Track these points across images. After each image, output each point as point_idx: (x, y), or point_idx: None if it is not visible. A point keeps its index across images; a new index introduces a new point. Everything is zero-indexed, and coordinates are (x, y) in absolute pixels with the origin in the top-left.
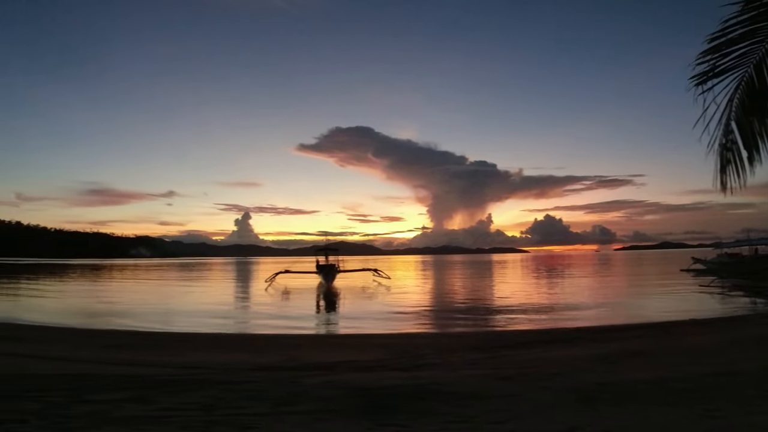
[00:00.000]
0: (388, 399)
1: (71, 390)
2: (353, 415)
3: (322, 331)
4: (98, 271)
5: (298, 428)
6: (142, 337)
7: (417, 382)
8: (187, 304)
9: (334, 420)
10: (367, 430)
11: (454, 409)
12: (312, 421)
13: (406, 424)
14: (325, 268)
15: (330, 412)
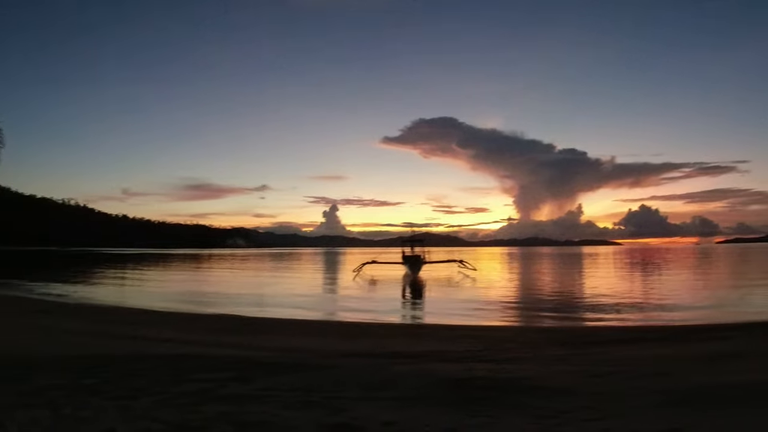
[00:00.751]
0: (478, 390)
1: (178, 369)
2: (443, 404)
3: (408, 321)
4: (198, 261)
5: (390, 413)
6: (241, 321)
7: (506, 375)
8: (281, 291)
9: (425, 408)
10: (458, 419)
11: (546, 403)
12: (403, 408)
13: (497, 415)
14: (411, 259)
15: (420, 399)
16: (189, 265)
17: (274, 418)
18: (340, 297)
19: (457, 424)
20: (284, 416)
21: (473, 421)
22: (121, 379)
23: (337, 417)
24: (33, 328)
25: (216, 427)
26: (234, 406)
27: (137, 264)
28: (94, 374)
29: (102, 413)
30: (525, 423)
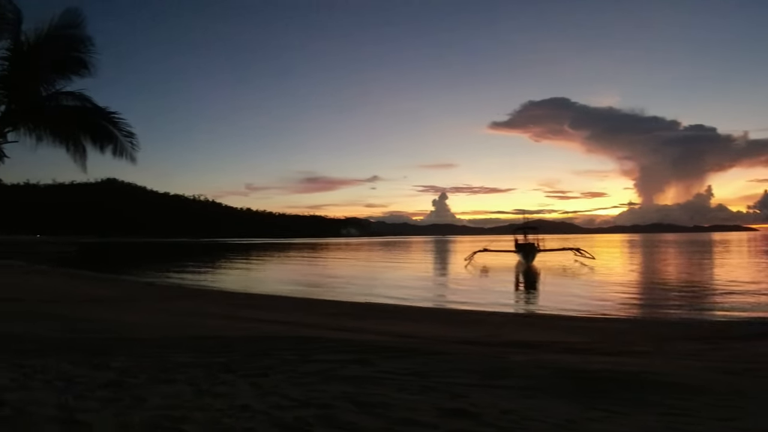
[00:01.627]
0: (599, 383)
1: (302, 350)
2: (562, 396)
3: (523, 310)
4: (315, 249)
5: (507, 402)
6: (358, 307)
7: (628, 369)
8: (394, 279)
9: (543, 398)
10: (576, 412)
11: (673, 400)
12: (521, 397)
13: (619, 410)
14: (525, 247)
15: (538, 389)
16: (307, 254)
17: (394, 400)
18: (452, 285)
19: (575, 417)
20: (403, 399)
21: (592, 414)
22: (251, 358)
23: (455, 402)
24: (171, 311)
25: (339, 406)
26: (355, 387)
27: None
28: (228, 353)
29: (236, 389)
30: (649, 419)
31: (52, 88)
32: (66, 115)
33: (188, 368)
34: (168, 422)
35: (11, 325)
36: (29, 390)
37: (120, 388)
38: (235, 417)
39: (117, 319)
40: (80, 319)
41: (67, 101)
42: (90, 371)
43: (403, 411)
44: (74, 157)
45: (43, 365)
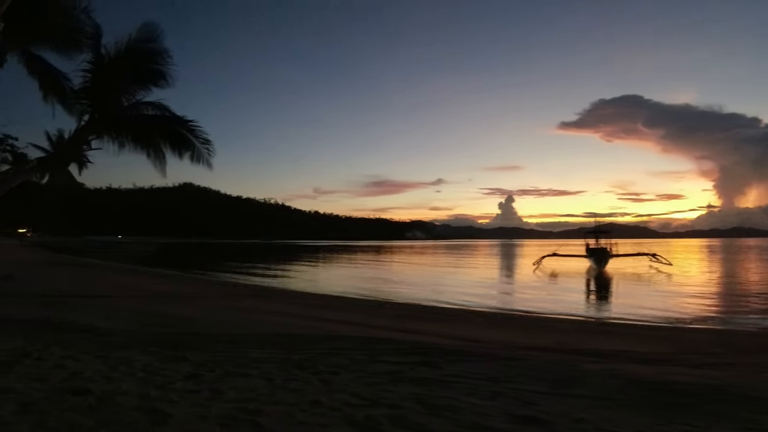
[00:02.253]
0: (677, 395)
1: (370, 350)
2: (638, 407)
3: (594, 318)
4: (381, 252)
5: (581, 412)
6: (424, 310)
7: (709, 382)
8: (461, 282)
9: (617, 409)
10: (655, 425)
11: (756, 415)
12: (594, 407)
13: (698, 424)
14: (597, 252)
15: (613, 401)
16: (372, 256)
17: (463, 404)
18: (520, 290)
19: (651, 429)
20: (473, 403)
21: (669, 428)
22: (322, 357)
23: (527, 410)
24: (243, 309)
25: (408, 407)
26: (424, 389)
27: (327, 254)
28: (299, 351)
29: (308, 385)
30: None
31: (132, 98)
32: (146, 124)
33: (261, 364)
34: (244, 415)
35: (95, 319)
36: (113, 380)
37: (198, 381)
38: (308, 412)
39: (191, 315)
40: (157, 314)
41: (148, 110)
42: (168, 364)
43: (473, 415)
44: (154, 163)
45: (126, 357)
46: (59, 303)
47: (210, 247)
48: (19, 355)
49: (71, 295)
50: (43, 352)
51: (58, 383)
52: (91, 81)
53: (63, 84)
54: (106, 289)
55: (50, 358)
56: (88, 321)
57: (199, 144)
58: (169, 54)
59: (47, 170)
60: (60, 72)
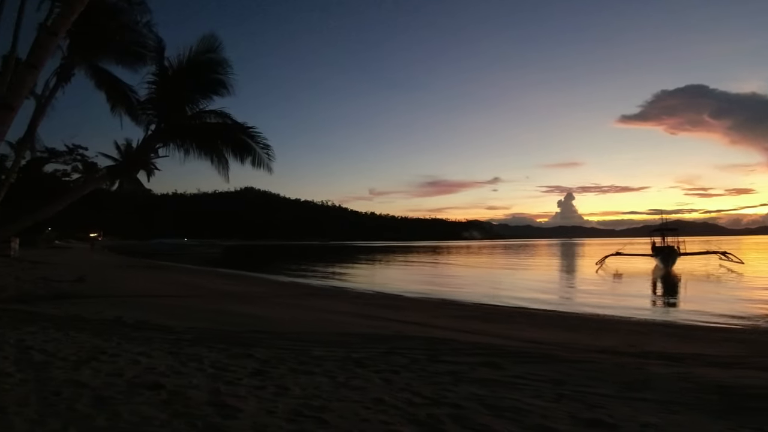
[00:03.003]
0: (751, 400)
1: (431, 350)
2: (709, 412)
3: (661, 319)
4: (437, 252)
5: (649, 416)
6: (484, 310)
7: None
8: (520, 282)
9: (687, 414)
10: (725, 430)
11: None
12: (664, 411)
13: None
14: (663, 251)
15: (682, 404)
16: (429, 256)
17: (527, 405)
18: (582, 290)
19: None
20: (537, 405)
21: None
22: (383, 356)
23: (592, 413)
24: (304, 308)
25: (470, 407)
26: (485, 390)
27: (384, 255)
28: (360, 349)
29: (370, 383)
30: None
31: (196, 108)
32: (209, 131)
33: (324, 361)
34: (309, 411)
35: (165, 318)
36: (184, 376)
37: (264, 377)
38: (371, 410)
39: (256, 313)
40: (224, 313)
41: (210, 119)
42: (236, 360)
43: (536, 417)
44: (218, 169)
45: (196, 354)
46: (130, 303)
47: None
48: (95, 352)
49: (142, 295)
50: (117, 349)
51: (132, 378)
52: (156, 92)
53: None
54: (174, 289)
55: (124, 355)
56: (159, 320)
57: (260, 149)
58: (229, 63)
59: (117, 178)
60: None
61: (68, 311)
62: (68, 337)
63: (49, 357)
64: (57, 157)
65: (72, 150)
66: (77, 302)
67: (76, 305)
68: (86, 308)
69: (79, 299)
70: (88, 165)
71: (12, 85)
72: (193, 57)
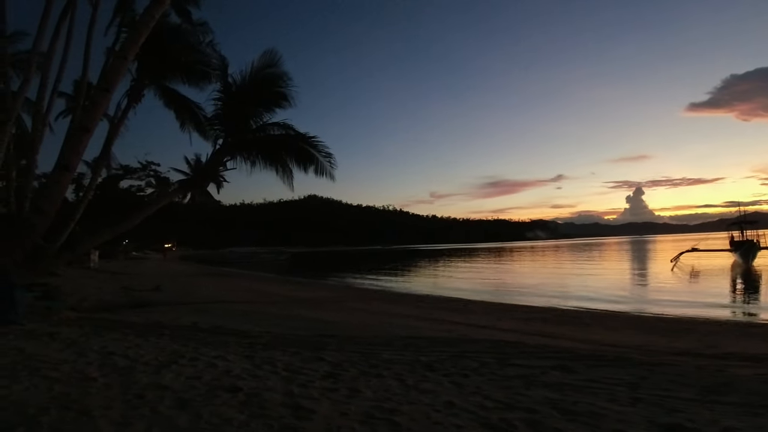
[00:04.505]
0: None
1: (500, 353)
2: None
3: (742, 318)
4: (501, 254)
5: (730, 419)
6: (552, 312)
7: None
8: (590, 283)
9: None
10: None
11: None
12: (746, 415)
13: None
14: (743, 245)
15: (766, 407)
16: (493, 258)
17: (602, 410)
18: (656, 289)
19: None
20: (612, 409)
21: None
22: (452, 359)
23: (671, 417)
24: (371, 312)
25: (543, 411)
26: (558, 394)
27: (447, 258)
28: (428, 353)
29: (440, 387)
30: None
31: (260, 121)
32: (274, 143)
33: (393, 364)
34: (380, 413)
35: (239, 323)
36: (260, 378)
37: (336, 380)
38: (442, 413)
39: (325, 318)
40: (295, 318)
41: (274, 130)
42: (308, 363)
43: (612, 422)
44: (282, 178)
45: (269, 357)
46: (205, 309)
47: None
48: (175, 356)
49: (215, 302)
50: (195, 353)
51: (211, 381)
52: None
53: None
54: (246, 296)
55: (202, 359)
56: (233, 325)
57: (322, 158)
58: (289, 76)
59: (189, 191)
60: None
61: (148, 318)
62: (148, 343)
63: (131, 362)
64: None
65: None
66: (155, 310)
67: (154, 312)
68: (164, 315)
69: (157, 307)
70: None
71: (86, 109)
72: (255, 72)
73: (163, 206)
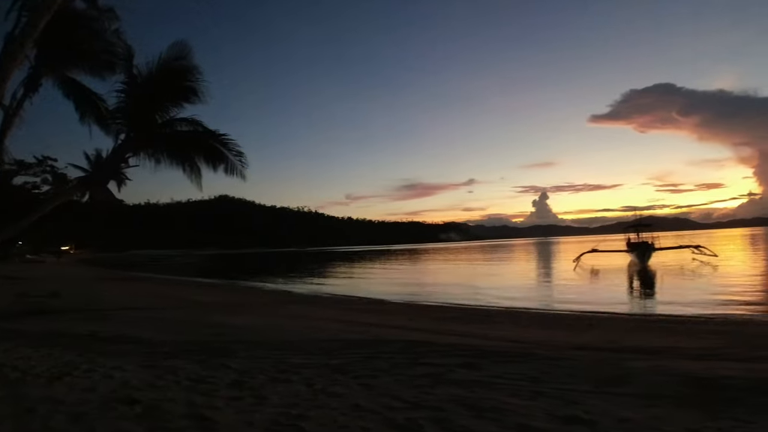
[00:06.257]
0: (726, 390)
1: (411, 353)
2: (686, 404)
3: (639, 314)
4: (416, 255)
5: (625, 410)
6: (464, 311)
7: (757, 375)
8: (499, 283)
9: (665, 407)
10: (700, 421)
11: None
12: (640, 405)
13: (748, 419)
14: (639, 246)
15: (659, 397)
16: (408, 260)
17: (506, 405)
18: (560, 288)
19: (699, 426)
20: (514, 404)
21: (718, 424)
22: (362, 361)
23: (569, 409)
24: (286, 316)
25: (450, 409)
26: (465, 391)
27: (363, 260)
28: (339, 356)
29: (348, 390)
30: None
31: (166, 116)
32: (181, 139)
33: (304, 369)
34: (287, 420)
35: (141, 330)
36: (160, 389)
37: (242, 388)
38: (349, 416)
39: (235, 323)
40: (203, 324)
41: (181, 126)
42: (213, 371)
43: (516, 416)
44: (190, 177)
45: (172, 366)
46: (106, 317)
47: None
48: (68, 368)
49: (118, 309)
50: (91, 363)
51: (107, 393)
52: (126, 101)
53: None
54: (151, 301)
55: (99, 370)
56: (135, 332)
57: (233, 156)
58: (200, 70)
59: (88, 189)
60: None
61: (43, 327)
62: (40, 354)
63: (21, 374)
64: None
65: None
66: (52, 317)
67: (51, 320)
68: (61, 323)
69: (54, 314)
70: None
71: None
72: (163, 64)
73: (60, 205)
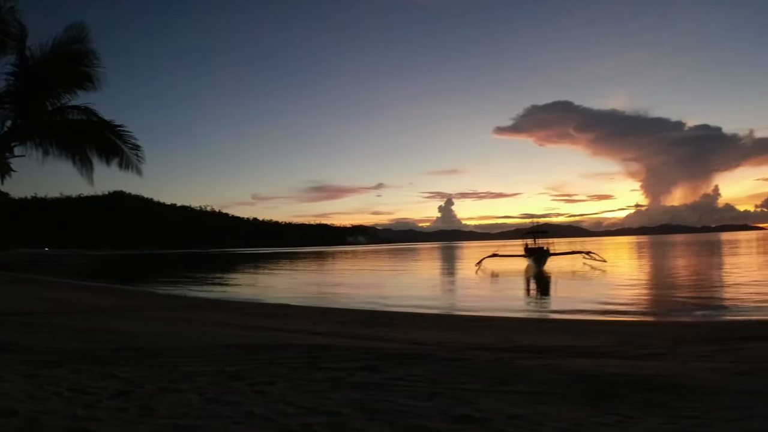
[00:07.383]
0: (612, 387)
1: (311, 358)
2: (574, 400)
3: (534, 315)
4: (323, 258)
5: (516, 407)
6: (368, 315)
7: (642, 372)
8: (403, 286)
9: (554, 403)
10: (590, 416)
11: (684, 402)
12: (530, 402)
13: (632, 414)
14: (536, 252)
15: (549, 395)
16: (314, 262)
17: (401, 407)
18: (462, 291)
19: (584, 421)
20: (411, 405)
21: (603, 419)
22: (260, 367)
23: (463, 408)
24: (181, 322)
25: (347, 413)
26: (363, 394)
27: (268, 262)
28: (236, 362)
29: (242, 397)
30: (660, 422)
31: (57, 103)
32: (72, 129)
33: (197, 377)
34: (174, 431)
35: (24, 337)
36: (39, 401)
37: (127, 398)
38: (241, 424)
39: (126, 329)
40: (91, 330)
41: (73, 115)
42: (98, 381)
43: (410, 418)
44: (80, 171)
45: (53, 376)
46: None
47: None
48: None
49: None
50: None
51: None
52: (15, 84)
53: None
54: (37, 305)
55: None
56: (16, 339)
57: (128, 150)
58: (97, 56)
59: None
60: None
61: None
62: None
63: None
64: None
65: None
66: None
67: None
68: None
69: None
70: None
71: None
72: (58, 47)
73: None
